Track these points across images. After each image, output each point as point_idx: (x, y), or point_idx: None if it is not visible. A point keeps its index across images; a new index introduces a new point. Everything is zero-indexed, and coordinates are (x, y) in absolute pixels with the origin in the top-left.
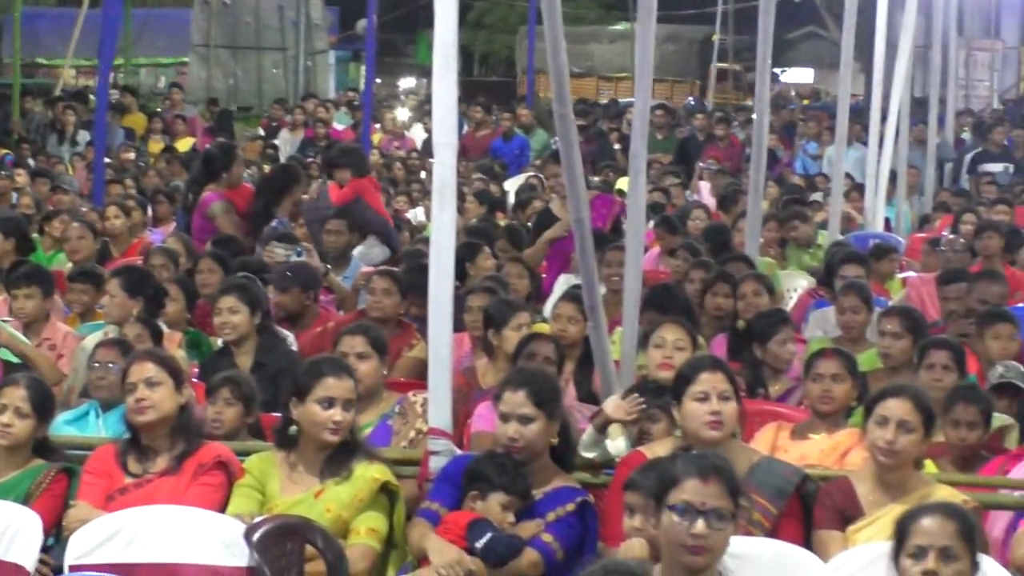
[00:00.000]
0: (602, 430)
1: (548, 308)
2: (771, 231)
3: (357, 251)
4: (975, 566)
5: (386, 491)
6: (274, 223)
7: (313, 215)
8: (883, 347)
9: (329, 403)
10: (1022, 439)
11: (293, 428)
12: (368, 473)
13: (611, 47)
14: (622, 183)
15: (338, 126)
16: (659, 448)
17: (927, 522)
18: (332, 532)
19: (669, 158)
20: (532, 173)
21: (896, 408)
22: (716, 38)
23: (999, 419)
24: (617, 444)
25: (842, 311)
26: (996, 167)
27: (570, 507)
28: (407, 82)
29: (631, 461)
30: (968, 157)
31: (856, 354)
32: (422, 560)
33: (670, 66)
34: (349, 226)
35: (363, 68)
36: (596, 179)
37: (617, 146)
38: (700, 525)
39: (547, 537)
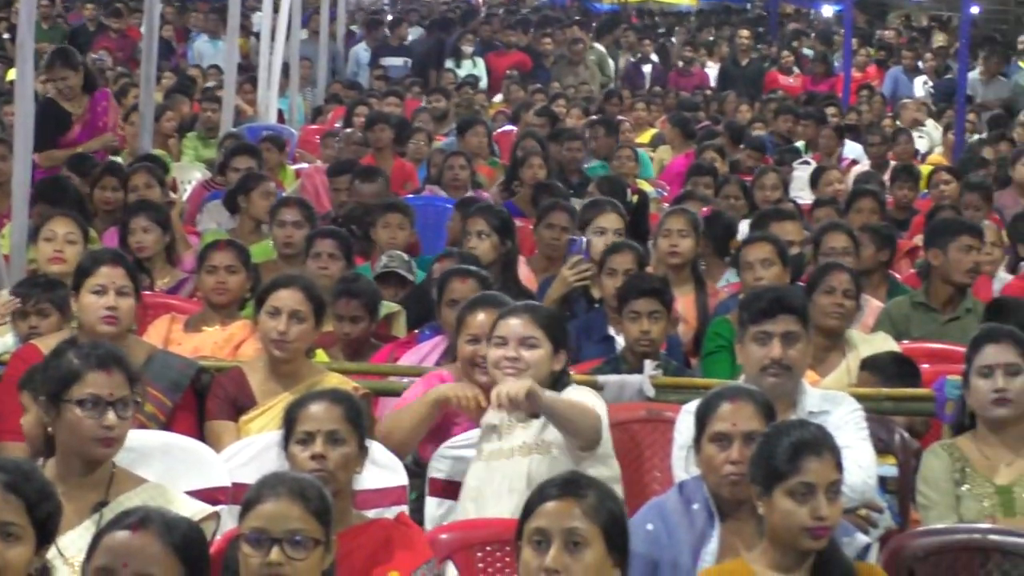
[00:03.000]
0: None
1: None
2: (169, 119)
3: None
4: (363, 449)
5: None
6: None
7: None
8: (283, 236)
9: None
10: (409, 327)
11: None
12: None
13: None
14: (11, 74)
15: None
16: (53, 341)
17: (314, 408)
18: None
19: None
20: None
21: (287, 298)
22: None
23: (388, 307)
24: (5, 340)
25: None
26: (396, 61)
27: None
28: None
29: (24, 355)
30: (362, 49)
31: (249, 245)
32: None
33: None
34: None
35: None
36: None
37: (7, 36)
38: (111, 416)
39: None
